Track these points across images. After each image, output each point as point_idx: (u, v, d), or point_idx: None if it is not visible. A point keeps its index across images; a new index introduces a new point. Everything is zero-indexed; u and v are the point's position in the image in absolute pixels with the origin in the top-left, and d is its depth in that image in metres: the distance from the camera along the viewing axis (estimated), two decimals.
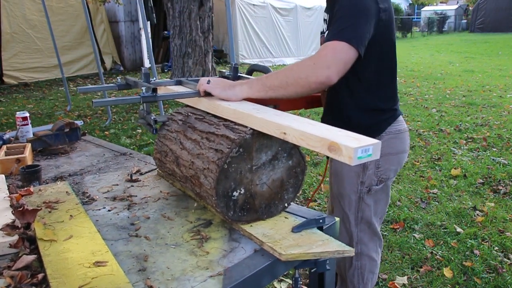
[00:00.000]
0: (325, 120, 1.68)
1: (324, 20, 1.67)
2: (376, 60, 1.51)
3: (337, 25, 1.38)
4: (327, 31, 1.58)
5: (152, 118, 1.45)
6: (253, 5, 11.87)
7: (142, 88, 1.33)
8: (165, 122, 1.53)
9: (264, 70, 1.66)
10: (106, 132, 5.48)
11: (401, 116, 1.66)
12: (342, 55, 1.33)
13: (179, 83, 1.65)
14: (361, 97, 1.56)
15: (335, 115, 1.64)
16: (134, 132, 5.49)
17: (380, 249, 1.82)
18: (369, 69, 1.52)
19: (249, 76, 1.67)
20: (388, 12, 1.48)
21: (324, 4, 1.69)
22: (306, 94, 1.38)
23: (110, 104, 1.36)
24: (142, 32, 11.11)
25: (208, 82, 1.39)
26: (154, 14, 10.90)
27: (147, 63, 11.64)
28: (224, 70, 1.72)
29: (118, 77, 1.59)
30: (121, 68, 11.38)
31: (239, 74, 1.69)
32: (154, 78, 1.62)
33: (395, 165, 1.66)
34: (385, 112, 1.61)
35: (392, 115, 1.62)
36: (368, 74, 1.53)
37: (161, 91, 1.57)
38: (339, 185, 1.70)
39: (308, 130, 1.03)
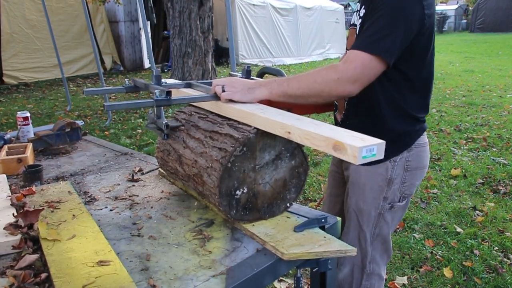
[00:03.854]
0: (350, 120, 1.53)
1: (356, 11, 1.49)
2: (416, 66, 1.40)
3: (373, 30, 1.26)
4: (359, 24, 1.43)
5: (164, 123, 1.36)
6: (253, 5, 11.87)
7: (155, 91, 1.24)
8: (178, 126, 1.43)
9: (277, 73, 1.57)
10: (106, 132, 5.48)
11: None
12: (371, 71, 1.26)
13: (188, 85, 1.57)
14: (397, 99, 1.42)
15: (366, 115, 1.47)
16: (134, 132, 5.49)
17: (385, 267, 1.69)
18: (407, 75, 1.40)
19: (260, 79, 1.57)
20: (432, 18, 1.35)
21: (324, 4, 1.66)
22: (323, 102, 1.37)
23: (122, 108, 1.30)
24: (142, 32, 11.12)
25: (223, 88, 1.32)
26: (154, 14, 10.91)
27: (147, 63, 11.65)
28: (236, 73, 1.62)
29: (126, 79, 1.54)
30: (121, 68, 11.37)
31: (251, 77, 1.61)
32: (164, 82, 1.54)
33: (418, 180, 1.55)
34: (419, 121, 1.49)
35: (422, 126, 1.52)
36: (406, 79, 1.41)
37: (173, 94, 1.52)
38: (358, 198, 1.53)
39: (312, 130, 1.03)
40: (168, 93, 1.25)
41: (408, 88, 1.42)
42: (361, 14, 1.41)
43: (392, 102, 1.42)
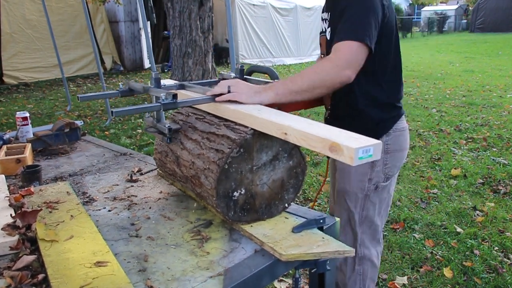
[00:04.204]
0: (335, 115, 1.69)
1: (323, 19, 1.66)
2: (384, 55, 1.54)
3: (348, 24, 1.42)
4: (329, 31, 1.59)
5: (166, 126, 1.34)
6: (253, 5, 11.87)
7: (161, 94, 1.22)
8: (179, 129, 1.41)
9: (268, 71, 1.59)
10: (106, 132, 5.48)
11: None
12: (359, 55, 1.40)
13: (181, 87, 1.57)
14: (371, 91, 1.58)
15: (346, 110, 1.64)
16: (134, 132, 5.49)
17: (380, 255, 1.80)
18: (377, 64, 1.54)
19: (252, 78, 1.62)
20: (390, 7, 1.53)
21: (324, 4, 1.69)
22: (327, 94, 1.46)
23: (130, 113, 1.28)
24: (142, 32, 11.12)
25: (229, 88, 1.33)
26: (154, 14, 10.91)
27: (147, 63, 11.66)
28: (225, 72, 1.66)
29: (120, 83, 1.51)
30: (121, 68, 11.38)
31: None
32: (164, 84, 1.51)
33: (399, 162, 1.69)
34: (394, 108, 1.64)
35: (398, 112, 1.65)
36: (377, 69, 1.55)
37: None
38: (345, 182, 1.68)
39: (309, 131, 1.03)
40: (175, 96, 1.23)
41: (380, 79, 1.57)
42: (329, 19, 1.60)
43: (366, 94, 1.58)
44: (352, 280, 1.77)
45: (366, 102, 1.59)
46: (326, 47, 1.62)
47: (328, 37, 1.59)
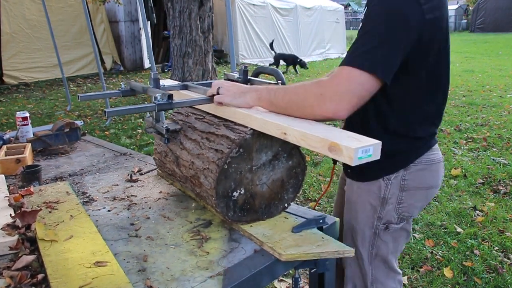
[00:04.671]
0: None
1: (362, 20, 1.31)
2: (413, 77, 1.21)
3: (361, 43, 1.10)
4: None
5: (164, 126, 1.33)
6: (253, 5, 11.87)
7: (157, 95, 1.21)
8: (179, 130, 1.40)
9: (273, 73, 1.51)
10: (106, 132, 5.48)
11: (436, 144, 1.36)
12: (358, 87, 1.08)
13: (185, 87, 1.56)
14: (389, 119, 1.26)
15: (357, 129, 1.18)
16: (134, 132, 5.49)
17: (401, 284, 1.52)
18: (401, 88, 1.21)
19: (257, 79, 1.55)
20: (437, 24, 1.16)
21: (324, 4, 1.68)
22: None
23: (124, 113, 1.27)
24: (142, 32, 11.11)
25: (218, 90, 1.28)
26: (154, 14, 10.90)
27: (147, 63, 11.65)
28: (233, 73, 1.60)
29: (121, 83, 1.51)
30: (121, 68, 11.37)
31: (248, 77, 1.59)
32: (163, 85, 1.50)
33: (421, 202, 1.37)
34: (420, 139, 1.30)
35: (426, 143, 1.32)
36: (399, 93, 1.22)
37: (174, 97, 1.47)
38: (351, 217, 1.42)
39: (308, 131, 1.03)
40: (170, 97, 1.22)
41: (397, 105, 1.25)
42: (362, 17, 1.23)
43: (382, 117, 1.27)
44: None
45: (379, 130, 1.27)
46: None
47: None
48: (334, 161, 1.46)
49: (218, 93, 1.28)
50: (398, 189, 1.32)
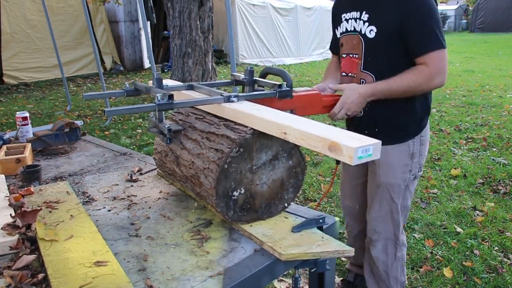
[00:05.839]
0: (369, 112, 1.73)
1: (352, 19, 1.72)
2: None
3: (430, 29, 1.58)
4: (370, 30, 1.65)
5: (166, 127, 1.34)
6: (253, 5, 11.87)
7: (157, 95, 1.21)
8: (180, 130, 1.41)
9: (280, 74, 1.51)
10: (106, 132, 5.48)
11: None
12: (446, 61, 1.62)
13: (190, 87, 1.55)
14: (416, 99, 1.71)
15: (392, 107, 1.70)
16: (134, 132, 5.49)
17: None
18: None
19: (263, 80, 1.53)
20: None
21: (324, 4, 1.71)
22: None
23: (124, 113, 1.27)
24: (142, 32, 11.11)
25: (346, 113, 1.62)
26: (154, 14, 10.90)
27: (147, 63, 11.65)
28: (239, 74, 1.60)
29: (126, 83, 1.51)
30: (121, 68, 11.37)
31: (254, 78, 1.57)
32: (166, 84, 1.52)
33: (427, 151, 1.85)
34: (428, 102, 1.79)
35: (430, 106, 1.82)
36: None
37: (176, 97, 1.48)
38: (388, 175, 1.77)
39: (308, 130, 1.03)
40: (170, 97, 1.22)
41: None
42: (368, 18, 1.66)
43: (410, 102, 1.70)
44: (394, 267, 1.87)
45: (422, 98, 1.73)
46: (365, 46, 1.68)
47: (372, 36, 1.66)
48: (337, 162, 1.73)
49: (347, 115, 1.63)
50: (420, 144, 1.76)
